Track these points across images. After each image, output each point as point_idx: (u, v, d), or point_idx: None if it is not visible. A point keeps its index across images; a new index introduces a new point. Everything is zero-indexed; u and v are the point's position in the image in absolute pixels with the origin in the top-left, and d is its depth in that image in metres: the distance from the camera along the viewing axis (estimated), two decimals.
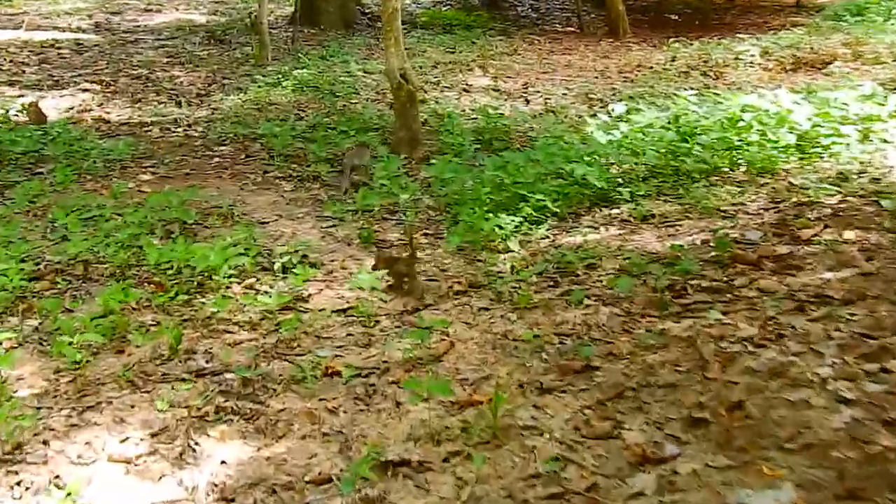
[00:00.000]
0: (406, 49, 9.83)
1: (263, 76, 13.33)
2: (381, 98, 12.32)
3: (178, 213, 7.30)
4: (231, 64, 14.41)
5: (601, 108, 11.35)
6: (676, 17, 19.38)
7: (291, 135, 9.89)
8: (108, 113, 11.46)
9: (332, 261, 6.46)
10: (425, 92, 12.15)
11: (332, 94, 12.42)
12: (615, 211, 7.07)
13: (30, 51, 15.10)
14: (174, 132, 10.66)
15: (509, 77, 13.71)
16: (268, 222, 7.54)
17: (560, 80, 13.59)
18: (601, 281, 5.64)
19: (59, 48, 15.35)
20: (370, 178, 8.33)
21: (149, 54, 15.05)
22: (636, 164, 7.85)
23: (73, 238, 6.60)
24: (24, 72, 13.66)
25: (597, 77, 13.80)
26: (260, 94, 12.34)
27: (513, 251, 6.41)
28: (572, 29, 18.29)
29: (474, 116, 10.67)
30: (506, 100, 12.30)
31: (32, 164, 9.06)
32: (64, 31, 16.90)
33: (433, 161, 8.72)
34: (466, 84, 13.16)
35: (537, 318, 5.14)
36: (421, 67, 13.81)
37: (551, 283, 5.72)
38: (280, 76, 13.25)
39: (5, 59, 14.40)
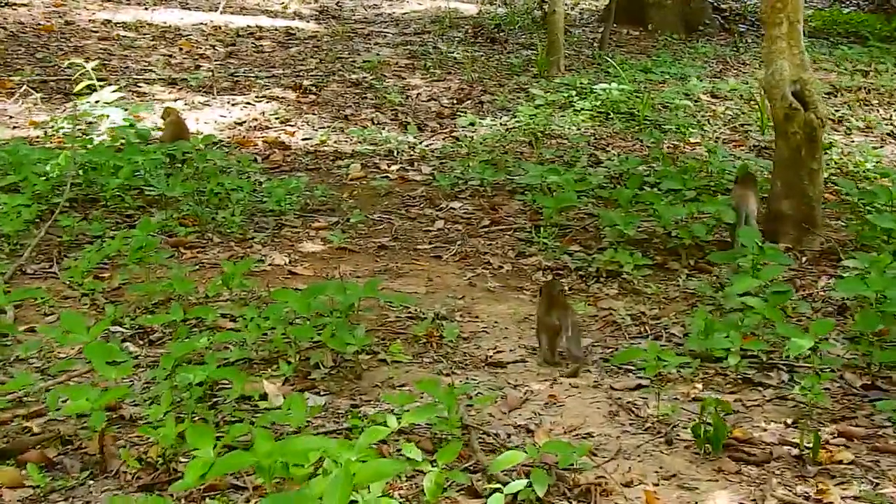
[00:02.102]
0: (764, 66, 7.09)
1: (546, 92, 10.87)
2: (743, 139, 9.44)
3: (332, 335, 4.84)
4: (501, 72, 12.11)
5: None
6: None
7: (578, 190, 7.26)
8: (292, 134, 9.40)
9: None
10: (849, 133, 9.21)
11: (655, 127, 9.71)
12: None
13: (218, 40, 13.62)
14: (384, 172, 8.37)
15: None
16: (508, 366, 4.98)
17: None
18: None
19: (259, 38, 13.78)
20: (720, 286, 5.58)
21: (382, 53, 13.09)
22: None
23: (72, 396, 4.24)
24: (198, 67, 12.08)
25: None
26: (536, 120, 9.85)
27: None
28: None
29: None
30: None
31: (134, 208, 7.07)
32: (275, 16, 15.45)
33: (848, 264, 5.84)
34: (893, 125, 10.01)
35: None
36: None
37: None
38: (573, 93, 10.72)
39: (181, 50, 12.97)
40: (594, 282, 6.15)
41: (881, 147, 9.27)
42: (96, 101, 9.45)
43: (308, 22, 15.09)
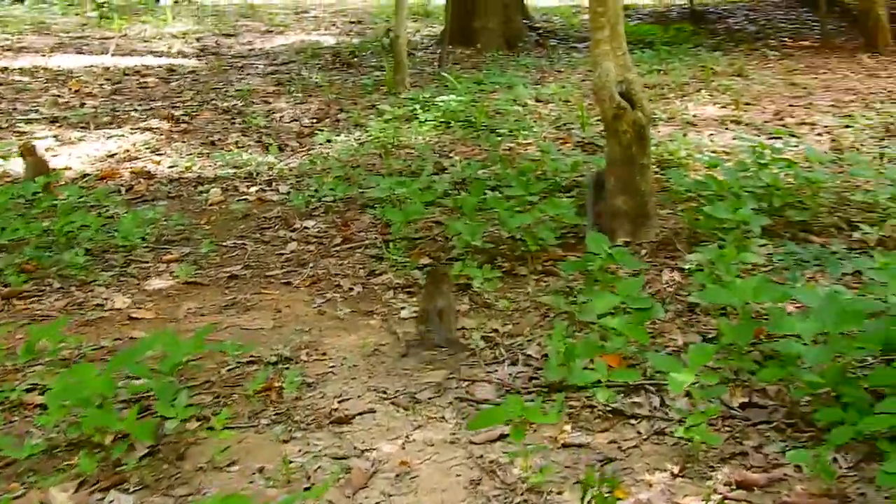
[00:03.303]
0: (588, 71, 5.52)
1: (395, 107, 9.20)
2: (568, 137, 7.92)
3: (162, 387, 3.14)
4: (355, 92, 10.35)
5: None
6: None
7: (424, 200, 5.65)
8: (158, 162, 7.54)
9: None
10: (654, 124, 7.72)
11: (491, 132, 8.15)
12: None
13: (106, 79, 11.52)
14: (243, 194, 6.60)
15: (748, 104, 9.07)
16: (354, 420, 3.32)
17: (828, 108, 8.83)
18: None
19: (144, 76, 11.74)
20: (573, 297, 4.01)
21: (252, 82, 11.20)
22: None
23: None
24: (82, 105, 10.05)
25: (881, 102, 8.97)
26: (385, 133, 8.18)
27: None
28: (808, 43, 13.42)
29: (742, 168, 6.06)
30: (758, 135, 7.71)
31: None
32: (160, 55, 13.40)
33: (692, 258, 4.40)
34: (689, 114, 8.60)
35: None
36: None
37: None
38: (418, 106, 9.07)
39: (70, 90, 10.89)
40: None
41: (684, 135, 7.87)
42: None
43: (190, 59, 13.05)
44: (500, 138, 7.70)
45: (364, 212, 5.93)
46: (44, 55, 13.04)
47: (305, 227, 5.72)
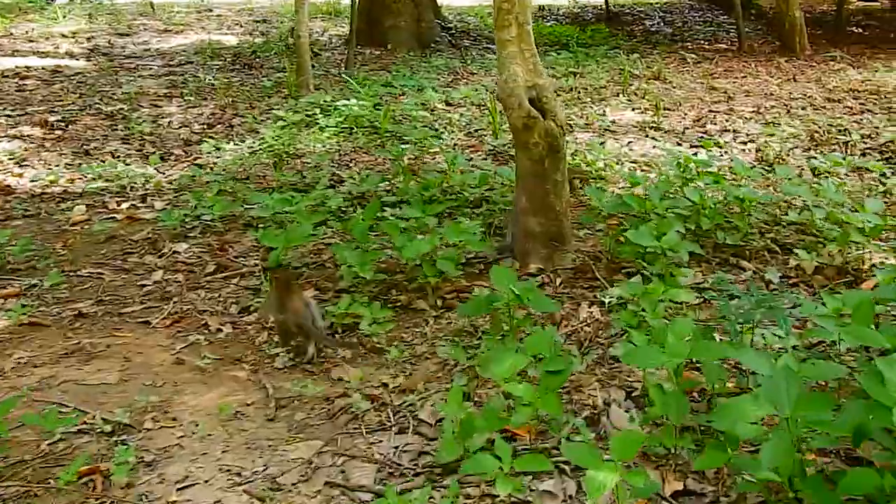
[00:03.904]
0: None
1: (293, 112, 8.44)
2: (479, 144, 7.28)
3: None
4: (254, 95, 9.54)
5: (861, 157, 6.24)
6: (861, 31, 14.01)
7: (314, 221, 4.92)
8: (20, 175, 6.64)
9: None
10: (570, 131, 7.13)
11: (396, 138, 7.47)
12: None
13: None
14: (112, 212, 5.77)
15: (668, 110, 8.57)
16: None
17: (749, 114, 8.38)
18: None
19: (24, 77, 10.70)
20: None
21: (143, 84, 10.28)
22: None
23: None
24: None
25: (803, 108, 8.58)
26: (281, 140, 7.42)
27: None
28: (726, 46, 13.05)
29: (666, 185, 5.48)
30: (680, 143, 7.20)
31: None
32: (45, 56, 12.34)
33: (613, 294, 3.80)
34: (607, 120, 8.05)
35: None
36: None
37: None
38: (319, 111, 8.33)
39: None
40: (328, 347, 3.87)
41: (603, 143, 7.31)
42: None
43: (78, 60, 12.02)
44: (405, 147, 7.01)
45: (246, 233, 5.19)
46: None
47: (176, 252, 4.93)
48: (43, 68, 11.19)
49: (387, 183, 5.87)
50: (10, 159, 7.06)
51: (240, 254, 4.87)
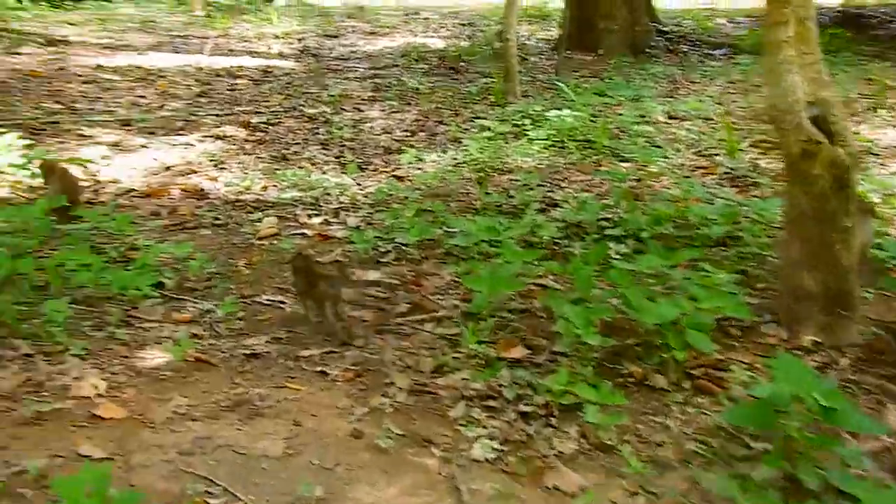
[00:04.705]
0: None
1: (500, 120, 7.64)
2: (712, 165, 6.17)
3: None
4: (458, 101, 8.84)
5: None
6: None
7: (524, 259, 4.06)
8: (215, 179, 6.20)
9: None
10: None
11: (613, 156, 6.51)
12: None
13: (196, 80, 10.36)
14: (303, 227, 5.15)
15: None
16: None
17: None
18: None
19: (236, 77, 10.53)
20: None
21: (347, 87, 9.83)
22: None
23: None
24: (162, 107, 8.87)
25: None
26: (486, 152, 6.63)
27: None
28: None
29: None
30: None
31: None
32: (258, 56, 12.21)
33: None
34: (867, 140, 6.72)
35: None
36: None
37: None
38: (527, 121, 7.49)
39: (156, 90, 9.76)
40: (541, 425, 2.99)
41: (868, 169, 6.01)
42: None
43: (288, 61, 11.79)
44: (624, 163, 6.05)
45: (445, 264, 4.41)
46: (140, 53, 12.04)
47: (365, 282, 4.23)
48: (254, 68, 10.99)
49: (608, 211, 4.94)
50: (210, 161, 6.65)
51: (437, 290, 4.08)
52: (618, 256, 4.18)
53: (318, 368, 3.38)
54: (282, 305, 3.97)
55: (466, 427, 2.89)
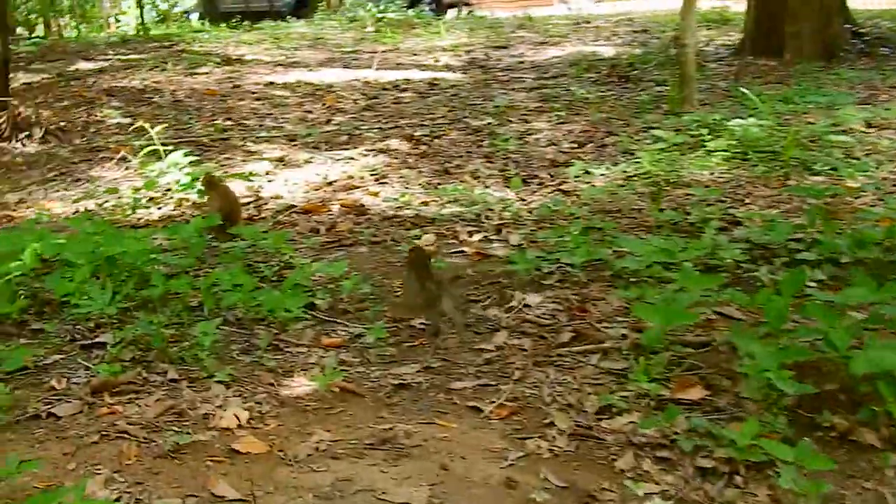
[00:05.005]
0: None
1: (675, 130, 7.15)
2: None
3: None
4: (629, 111, 8.39)
5: None
6: None
7: (703, 286, 3.63)
8: (376, 194, 6.06)
9: None
10: None
11: (803, 168, 5.91)
12: None
13: (363, 94, 10.40)
14: (462, 244, 4.90)
15: None
16: None
17: None
18: None
19: (402, 90, 10.50)
20: None
21: (514, 98, 9.58)
22: None
23: None
24: (328, 121, 8.93)
25: None
26: (660, 165, 6.18)
27: None
28: None
29: None
30: None
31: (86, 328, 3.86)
32: (425, 69, 12.17)
33: None
34: None
35: None
36: None
37: None
38: (705, 131, 6.95)
39: (323, 105, 9.87)
40: (724, 485, 2.57)
41: None
42: (164, 168, 6.39)
43: (455, 73, 11.69)
44: (818, 179, 5.47)
45: (613, 288, 4.03)
46: (311, 69, 12.29)
47: (526, 306, 3.91)
48: (420, 81, 10.96)
49: (800, 232, 4.41)
50: (372, 175, 6.56)
51: (604, 317, 3.71)
52: (813, 284, 3.68)
53: (471, 403, 3.09)
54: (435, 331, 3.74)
55: (635, 482, 2.52)
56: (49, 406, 3.08)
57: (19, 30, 27.53)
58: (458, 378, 3.29)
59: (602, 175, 6.15)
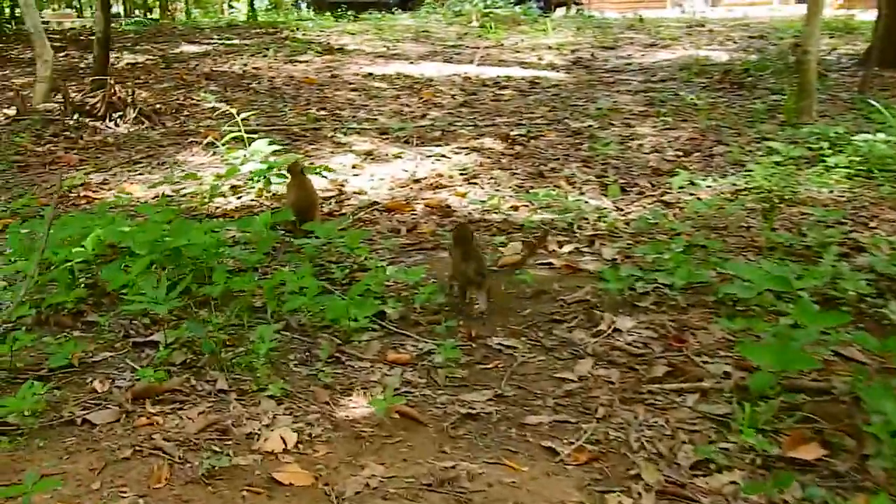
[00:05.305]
0: None
1: (792, 142, 6.58)
2: None
3: None
4: (741, 120, 7.82)
5: None
6: None
7: (821, 324, 3.16)
8: (464, 195, 5.72)
9: None
10: None
11: None
12: None
13: (462, 89, 10.07)
14: (550, 255, 4.50)
15: None
16: None
17: None
18: None
19: (502, 88, 10.12)
20: None
21: (618, 100, 9.09)
22: None
23: None
24: (423, 116, 8.63)
25: None
26: (774, 179, 5.65)
27: None
28: None
29: None
30: None
31: (142, 325, 3.65)
32: (527, 67, 11.75)
33: None
34: None
35: None
36: None
37: None
38: (825, 144, 6.38)
39: (420, 99, 9.58)
40: None
41: None
42: (246, 155, 6.17)
43: (558, 72, 11.24)
44: None
45: (716, 316, 3.59)
46: (411, 62, 12.04)
47: (616, 331, 3.50)
48: (522, 79, 10.58)
49: None
50: (462, 174, 6.22)
51: (704, 350, 3.27)
52: None
53: (546, 442, 2.71)
54: (513, 352, 3.37)
55: None
56: (86, 411, 2.85)
57: (137, 12, 28.31)
58: (534, 411, 2.91)
59: (709, 187, 5.67)
